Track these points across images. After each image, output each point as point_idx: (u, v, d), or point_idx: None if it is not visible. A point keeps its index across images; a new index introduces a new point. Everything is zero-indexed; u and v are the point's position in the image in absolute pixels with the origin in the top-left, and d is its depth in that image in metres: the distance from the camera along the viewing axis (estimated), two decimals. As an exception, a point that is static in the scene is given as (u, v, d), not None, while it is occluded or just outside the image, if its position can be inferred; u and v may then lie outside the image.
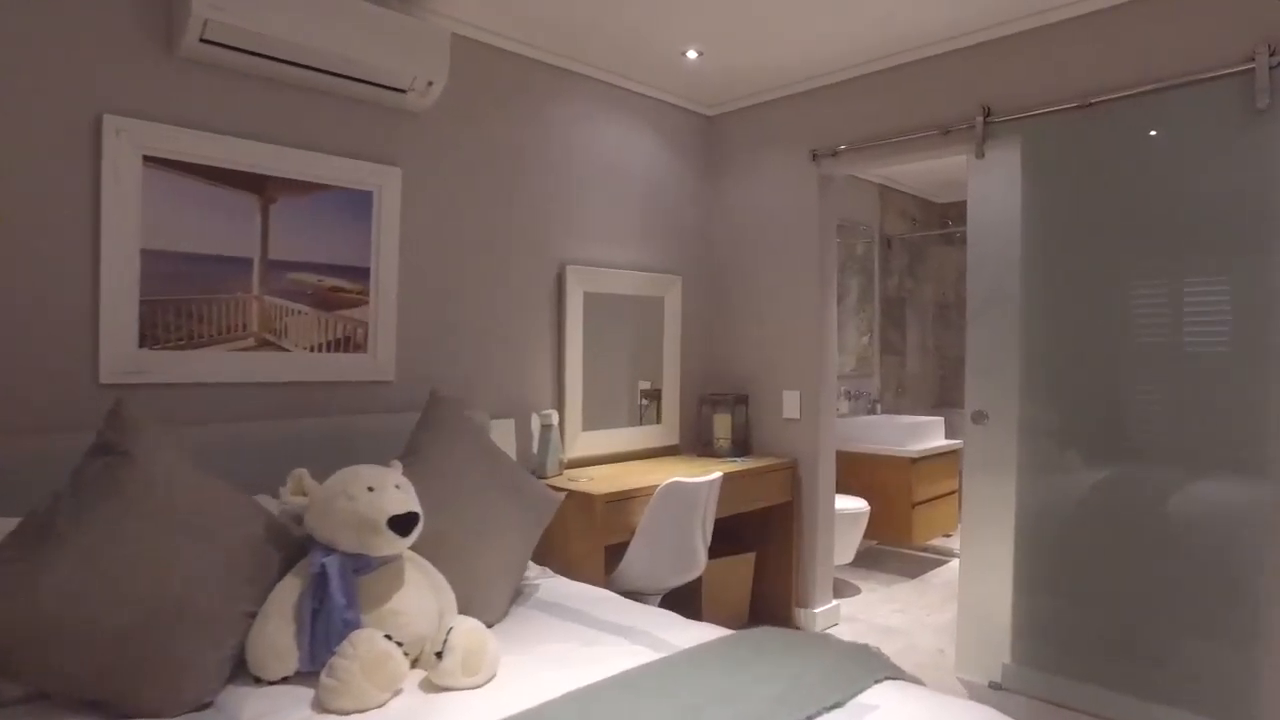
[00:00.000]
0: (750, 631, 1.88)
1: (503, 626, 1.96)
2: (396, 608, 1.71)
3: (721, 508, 3.04)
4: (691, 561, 2.84)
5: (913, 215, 5.68)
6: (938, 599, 3.98)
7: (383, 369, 2.68)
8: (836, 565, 3.88)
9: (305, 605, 1.63)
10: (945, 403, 5.90)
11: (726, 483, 3.05)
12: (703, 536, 2.86)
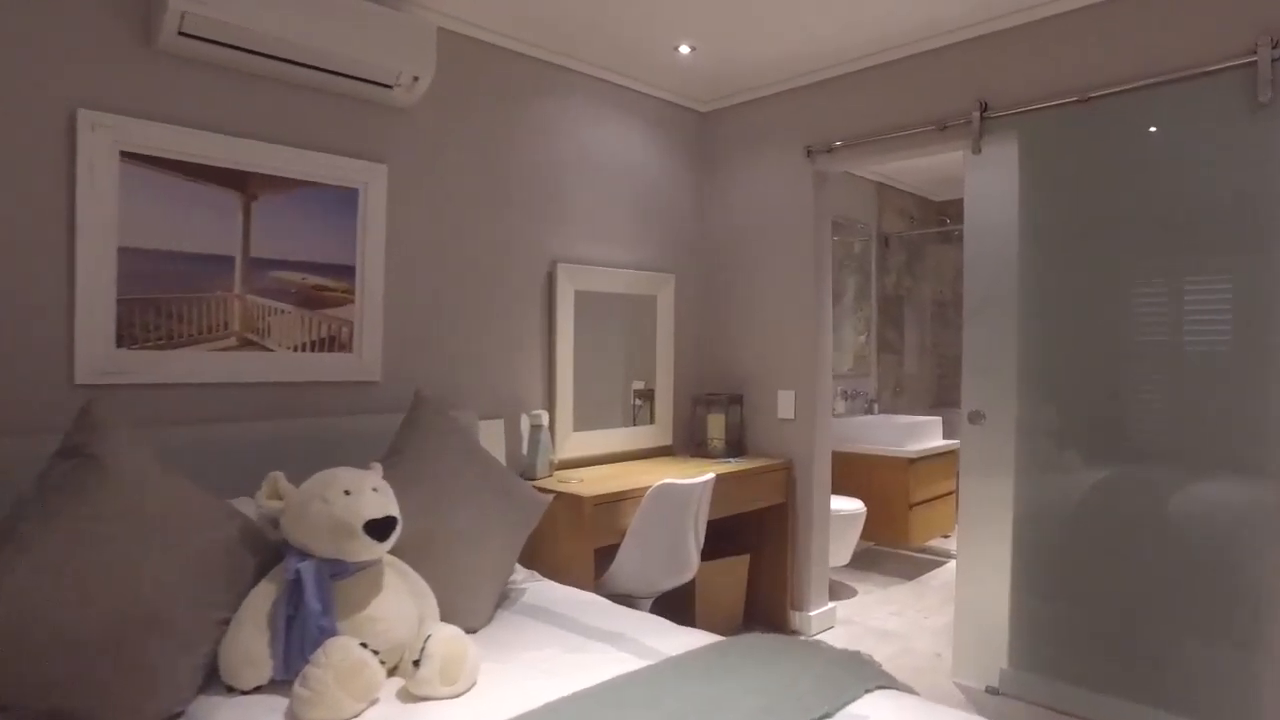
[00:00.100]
0: (739, 638, 1.84)
1: (486, 632, 1.92)
2: (375, 614, 1.66)
3: (715, 509, 3.00)
4: (684, 564, 2.80)
5: (910, 213, 5.64)
6: (935, 601, 3.93)
7: (368, 369, 2.63)
8: (833, 567, 3.83)
9: (280, 612, 1.59)
10: (944, 402, 5.85)
11: (720, 484, 3.00)
12: (695, 539, 2.82)
